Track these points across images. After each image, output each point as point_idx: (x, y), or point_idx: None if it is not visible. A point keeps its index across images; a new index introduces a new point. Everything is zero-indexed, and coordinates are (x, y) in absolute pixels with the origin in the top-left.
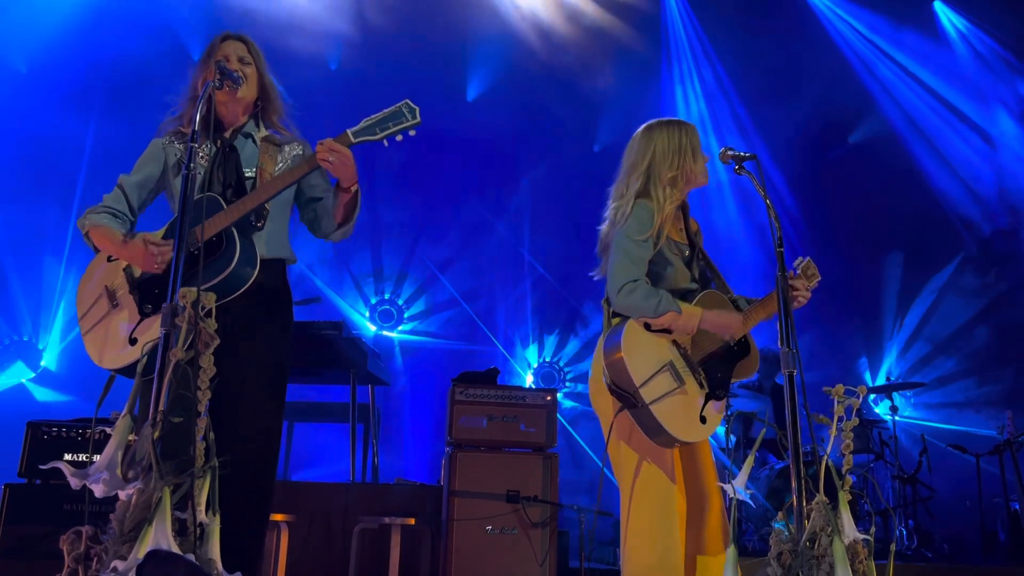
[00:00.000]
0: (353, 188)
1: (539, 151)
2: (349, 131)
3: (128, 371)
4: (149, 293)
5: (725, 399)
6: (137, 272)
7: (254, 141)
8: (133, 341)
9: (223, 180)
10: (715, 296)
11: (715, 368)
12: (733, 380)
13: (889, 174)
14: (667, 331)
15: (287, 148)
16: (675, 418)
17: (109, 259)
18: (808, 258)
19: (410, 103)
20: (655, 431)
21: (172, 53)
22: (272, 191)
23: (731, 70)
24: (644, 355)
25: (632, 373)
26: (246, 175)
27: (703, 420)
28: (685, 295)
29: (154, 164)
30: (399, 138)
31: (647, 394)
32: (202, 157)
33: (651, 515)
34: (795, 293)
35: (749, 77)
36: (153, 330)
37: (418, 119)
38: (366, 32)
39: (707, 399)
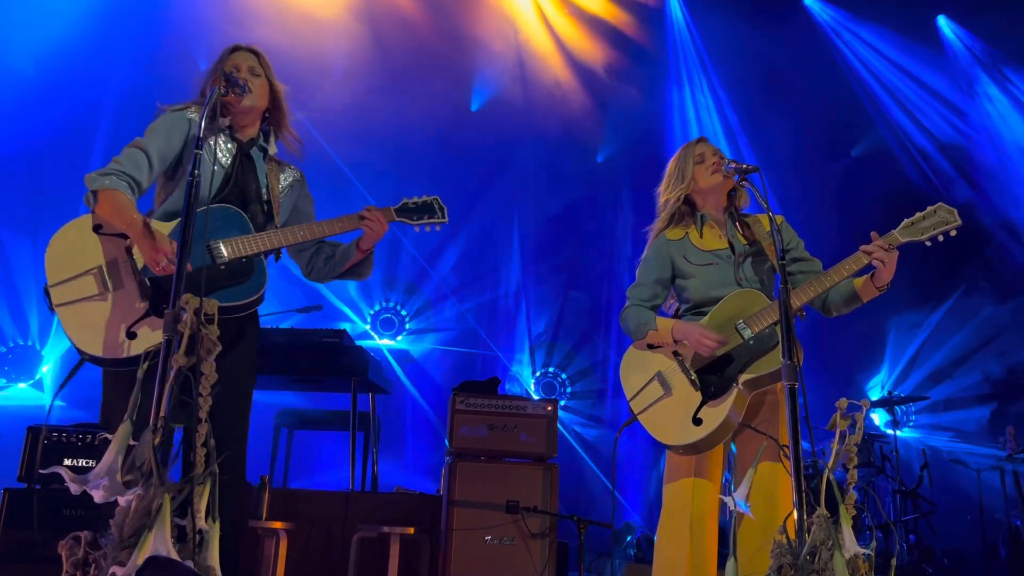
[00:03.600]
0: (370, 250)
1: (542, 161)
2: (392, 208)
3: (108, 361)
4: (165, 292)
5: (730, 394)
6: (140, 259)
7: (265, 156)
8: (132, 335)
9: (243, 190)
10: (743, 297)
11: (715, 369)
12: (752, 374)
13: (892, 187)
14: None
15: (284, 172)
16: (660, 424)
17: (97, 230)
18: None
19: (440, 201)
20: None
21: (181, 57)
22: (315, 236)
23: (735, 84)
24: (636, 371)
25: (625, 390)
26: (264, 195)
27: (698, 421)
28: (717, 300)
29: (179, 135)
30: (428, 230)
31: (635, 406)
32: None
33: (664, 520)
34: (875, 259)
35: (753, 90)
36: (156, 330)
37: (446, 218)
38: (372, 42)
39: (703, 400)
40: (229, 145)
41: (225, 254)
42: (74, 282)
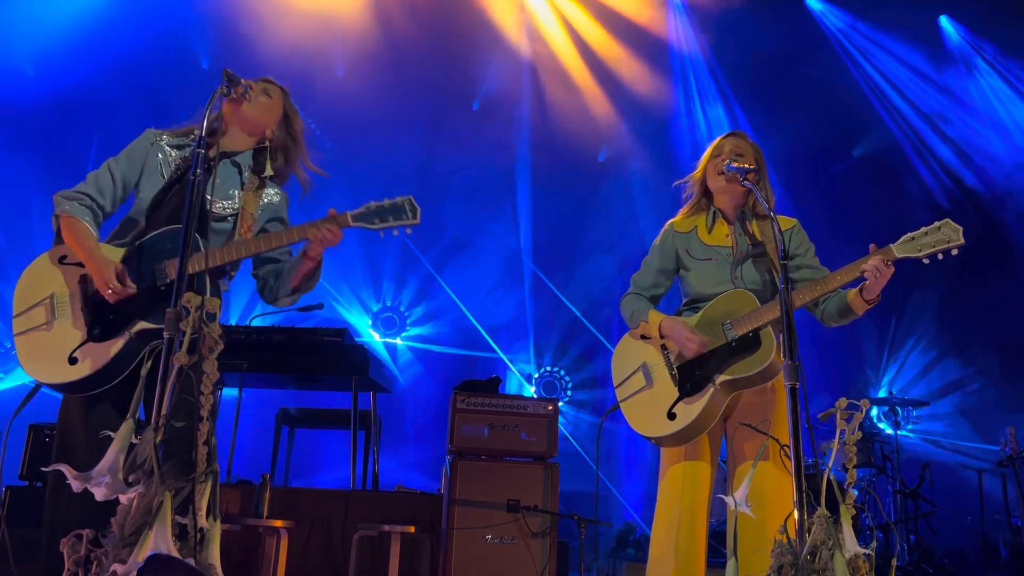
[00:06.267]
0: (319, 259)
1: (544, 160)
2: (349, 214)
3: (57, 386)
4: (102, 317)
5: (705, 392)
6: (92, 289)
7: (240, 173)
8: (72, 360)
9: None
10: (735, 298)
11: (696, 366)
12: (729, 376)
13: (893, 188)
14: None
15: (265, 192)
16: (637, 415)
17: (62, 260)
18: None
19: (413, 201)
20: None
21: (179, 57)
22: (259, 251)
23: (738, 85)
24: (625, 359)
25: (613, 376)
26: (216, 208)
27: (672, 416)
28: (712, 298)
29: (140, 158)
30: (395, 233)
31: (620, 393)
32: (176, 165)
33: (657, 512)
34: (869, 272)
35: (755, 91)
36: (96, 355)
37: (418, 220)
38: (374, 41)
39: (679, 396)
40: (186, 154)
41: (168, 275)
42: (29, 312)
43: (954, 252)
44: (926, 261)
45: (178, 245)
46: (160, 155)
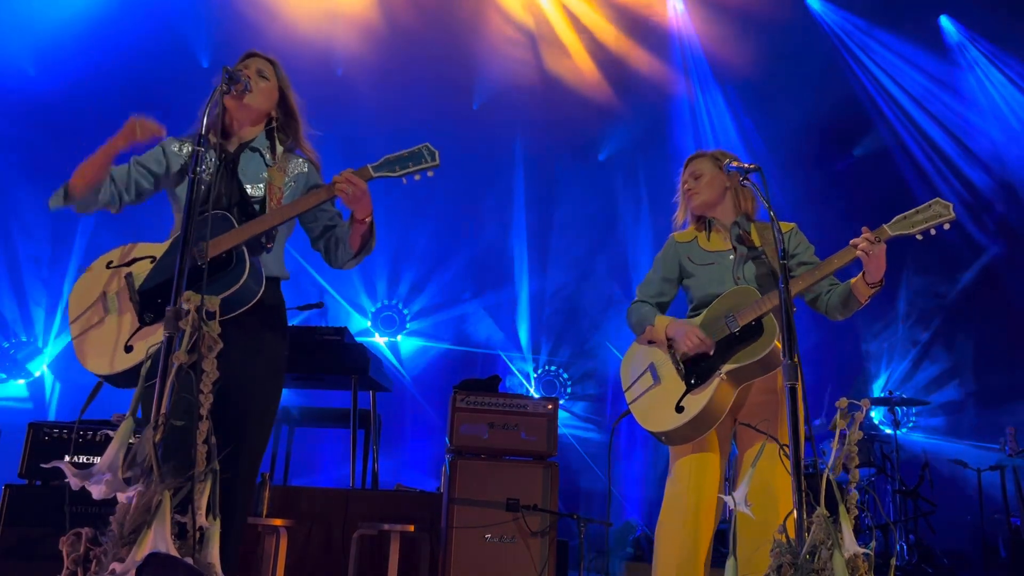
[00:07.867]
0: (368, 219)
1: (543, 159)
2: (369, 166)
3: (117, 378)
4: (151, 302)
5: (711, 383)
6: (139, 280)
7: (262, 155)
8: (128, 348)
9: (227, 196)
10: (738, 294)
11: (701, 359)
12: (734, 364)
13: (893, 187)
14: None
15: (291, 164)
16: (647, 413)
17: (108, 265)
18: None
19: (430, 146)
20: None
21: (180, 56)
22: (286, 217)
23: (738, 83)
24: (633, 363)
25: (622, 382)
26: (250, 192)
27: (680, 409)
28: (716, 298)
29: (156, 163)
30: (417, 178)
31: (629, 396)
32: (206, 170)
33: (664, 508)
34: (860, 249)
35: (754, 89)
36: (151, 339)
37: (437, 161)
38: (373, 41)
39: (687, 389)
40: (210, 156)
41: (207, 254)
42: (84, 315)
43: (946, 227)
44: (919, 237)
45: (210, 228)
46: (180, 162)
